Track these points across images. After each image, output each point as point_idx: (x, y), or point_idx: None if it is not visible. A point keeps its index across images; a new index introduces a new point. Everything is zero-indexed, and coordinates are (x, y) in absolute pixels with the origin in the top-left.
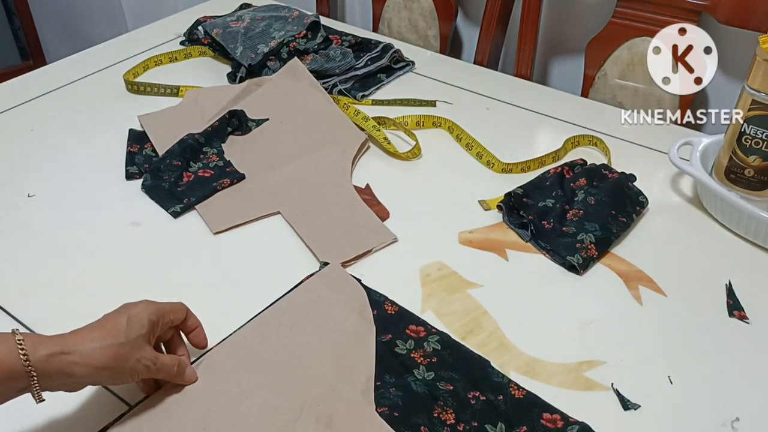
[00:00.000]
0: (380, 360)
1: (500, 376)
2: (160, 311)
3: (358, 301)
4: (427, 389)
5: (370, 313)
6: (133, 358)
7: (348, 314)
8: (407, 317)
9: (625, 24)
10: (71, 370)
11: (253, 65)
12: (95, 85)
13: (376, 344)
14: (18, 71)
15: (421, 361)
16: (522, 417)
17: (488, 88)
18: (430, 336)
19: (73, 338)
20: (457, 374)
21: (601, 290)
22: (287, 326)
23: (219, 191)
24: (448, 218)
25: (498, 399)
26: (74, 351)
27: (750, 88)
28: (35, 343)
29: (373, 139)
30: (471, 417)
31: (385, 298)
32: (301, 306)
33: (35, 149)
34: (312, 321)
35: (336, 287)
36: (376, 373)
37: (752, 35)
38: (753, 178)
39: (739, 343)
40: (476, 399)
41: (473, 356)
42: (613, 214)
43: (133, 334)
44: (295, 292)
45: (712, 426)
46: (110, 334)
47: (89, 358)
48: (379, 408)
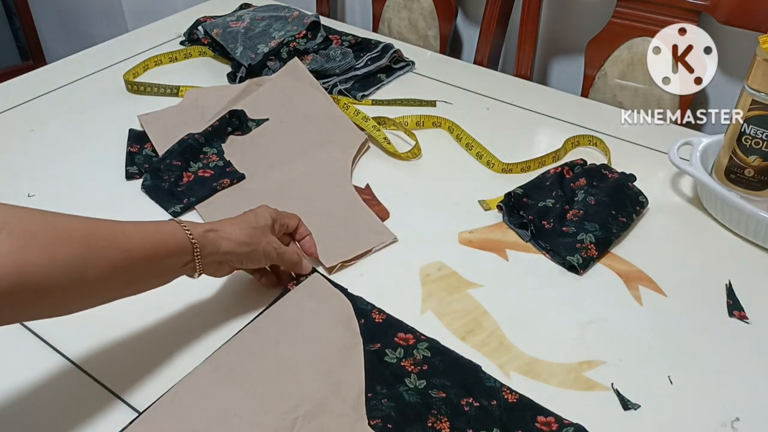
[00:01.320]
0: (371, 370)
1: (492, 380)
2: (277, 213)
3: (344, 312)
4: (420, 398)
5: (356, 324)
6: (264, 240)
7: (334, 326)
8: (395, 325)
9: (625, 24)
10: (220, 244)
11: (253, 65)
12: (95, 85)
13: (366, 354)
14: (18, 71)
15: (411, 369)
16: (516, 421)
17: (488, 88)
18: (419, 343)
19: (219, 223)
20: (449, 381)
21: (601, 290)
22: (272, 341)
23: (219, 191)
24: (448, 218)
25: (492, 404)
26: (222, 229)
27: (750, 88)
28: (192, 225)
29: (373, 139)
30: (466, 424)
31: (372, 307)
32: (286, 320)
33: (35, 149)
34: (298, 335)
35: (320, 298)
36: (367, 384)
37: (752, 35)
38: (753, 178)
39: (739, 343)
40: (470, 405)
41: (464, 361)
42: (613, 214)
43: (261, 223)
44: (278, 305)
45: (712, 426)
46: (245, 221)
47: (233, 235)
48: (372, 420)
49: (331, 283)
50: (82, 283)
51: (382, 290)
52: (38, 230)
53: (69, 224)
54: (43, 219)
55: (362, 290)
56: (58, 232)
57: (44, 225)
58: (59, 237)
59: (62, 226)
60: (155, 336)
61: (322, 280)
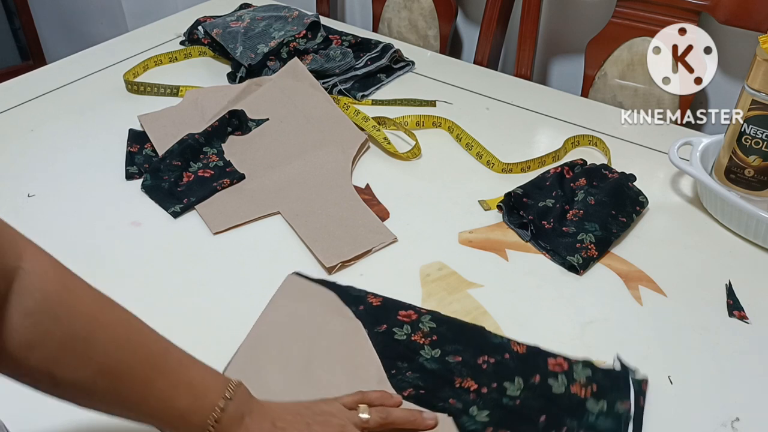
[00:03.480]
0: (386, 350)
1: (498, 338)
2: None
3: (332, 302)
4: (440, 365)
5: (348, 311)
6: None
7: (330, 318)
8: (394, 305)
9: (625, 24)
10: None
11: (253, 65)
12: (95, 85)
13: (376, 336)
14: (18, 71)
15: (423, 342)
16: (531, 368)
17: (488, 88)
18: (422, 317)
19: (269, 410)
20: (461, 345)
21: (601, 290)
22: (276, 350)
23: (219, 191)
24: (448, 218)
25: (505, 357)
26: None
27: (750, 88)
28: (239, 406)
29: (373, 139)
30: (488, 380)
31: (366, 292)
32: (279, 327)
33: (35, 149)
34: (298, 337)
35: (304, 297)
36: (387, 363)
37: (752, 35)
38: (753, 178)
39: (739, 343)
40: (486, 363)
41: (467, 326)
42: (613, 214)
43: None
44: (264, 316)
45: (712, 426)
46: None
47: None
48: (403, 392)
49: (308, 279)
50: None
51: (382, 290)
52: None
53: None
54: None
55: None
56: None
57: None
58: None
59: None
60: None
61: (299, 279)
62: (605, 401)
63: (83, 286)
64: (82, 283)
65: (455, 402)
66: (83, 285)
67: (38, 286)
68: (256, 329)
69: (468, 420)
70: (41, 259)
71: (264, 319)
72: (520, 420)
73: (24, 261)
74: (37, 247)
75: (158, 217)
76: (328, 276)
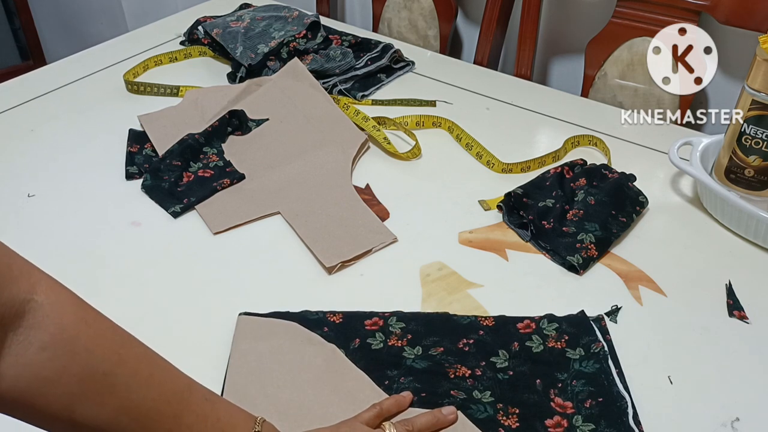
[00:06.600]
0: (370, 364)
1: (465, 318)
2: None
3: (296, 332)
4: (427, 361)
5: (315, 336)
6: None
7: (302, 349)
8: (357, 317)
9: (625, 24)
10: None
11: (253, 65)
12: (95, 85)
13: (354, 353)
14: (18, 71)
15: (401, 344)
16: (506, 338)
17: (488, 88)
18: (388, 320)
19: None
20: (437, 336)
21: (601, 290)
22: (261, 399)
23: (219, 191)
24: (448, 218)
25: (480, 335)
26: None
27: (750, 88)
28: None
29: (373, 139)
30: (476, 360)
31: (323, 312)
32: (254, 374)
33: (35, 149)
34: (278, 379)
35: (265, 335)
36: (376, 375)
37: (752, 35)
38: (753, 178)
39: (739, 343)
40: (467, 345)
41: (432, 316)
42: (613, 214)
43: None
44: (234, 366)
45: (712, 426)
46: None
47: None
48: None
49: (259, 315)
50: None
51: (382, 290)
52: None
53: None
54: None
55: (362, 290)
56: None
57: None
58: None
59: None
60: None
61: (250, 318)
62: (581, 348)
63: (102, 319)
64: (101, 316)
65: (457, 393)
66: (102, 318)
67: (54, 320)
68: (230, 382)
69: (476, 409)
70: (57, 291)
71: (234, 369)
72: (520, 390)
73: (38, 293)
74: (52, 279)
75: (158, 217)
76: (329, 275)
